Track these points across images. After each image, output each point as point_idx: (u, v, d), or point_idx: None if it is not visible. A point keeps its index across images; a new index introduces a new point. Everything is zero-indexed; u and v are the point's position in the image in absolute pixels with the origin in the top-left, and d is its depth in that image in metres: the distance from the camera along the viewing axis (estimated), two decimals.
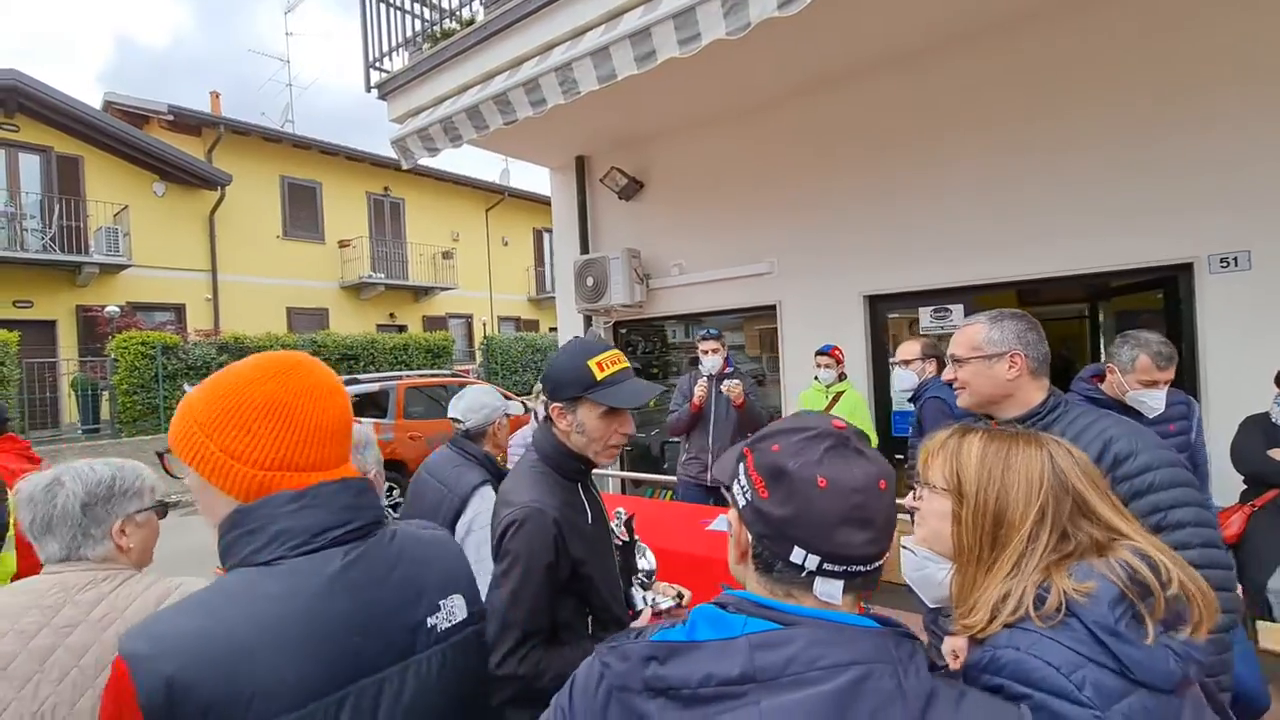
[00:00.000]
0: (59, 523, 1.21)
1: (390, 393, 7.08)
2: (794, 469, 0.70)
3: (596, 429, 1.38)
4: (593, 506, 1.47)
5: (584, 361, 1.36)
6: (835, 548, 0.68)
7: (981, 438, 0.97)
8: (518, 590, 1.26)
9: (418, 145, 4.89)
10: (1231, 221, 3.58)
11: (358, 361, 12.59)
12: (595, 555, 1.41)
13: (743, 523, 0.75)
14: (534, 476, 1.40)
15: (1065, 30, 3.99)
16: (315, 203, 15.63)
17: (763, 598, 0.72)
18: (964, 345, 1.56)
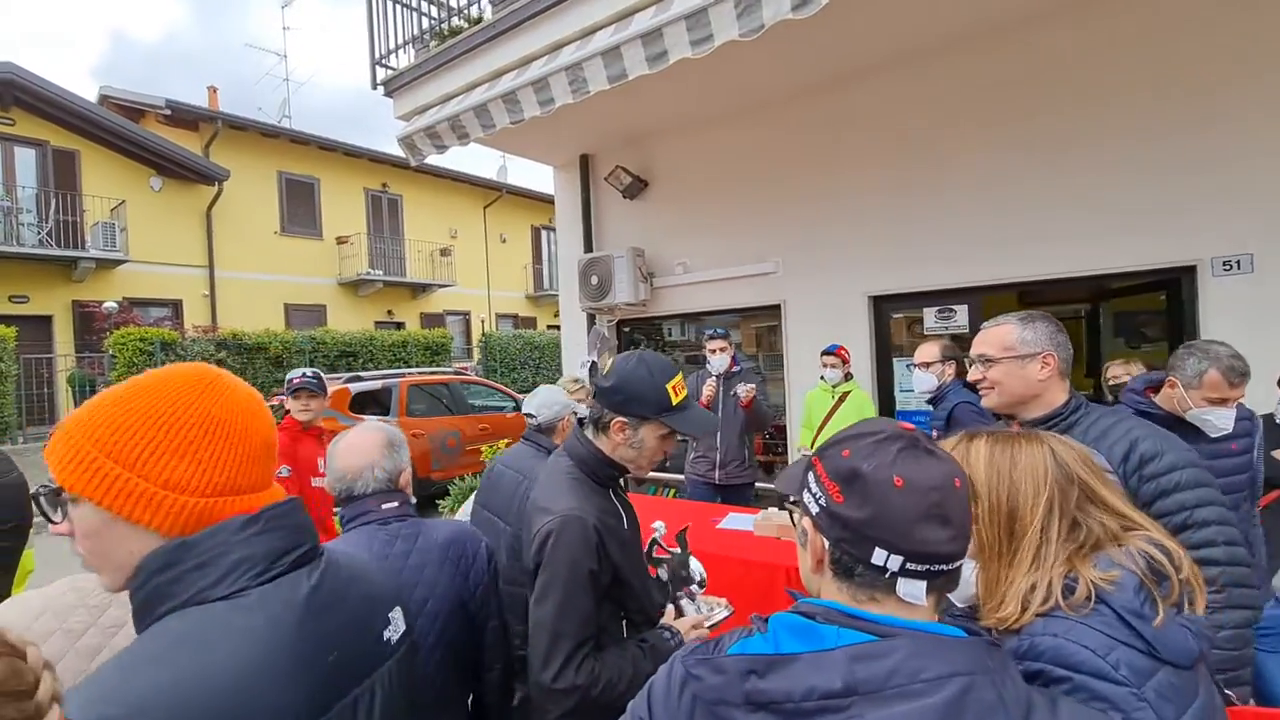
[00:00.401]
0: None
1: (393, 390, 7.07)
2: (868, 471, 0.71)
3: (653, 448, 1.41)
4: (625, 510, 1.49)
5: (664, 384, 1.38)
6: (916, 546, 0.69)
7: (986, 441, 1.03)
8: (565, 600, 1.26)
9: (425, 143, 4.89)
10: (1235, 225, 3.62)
11: (356, 358, 12.55)
12: (631, 559, 1.43)
13: (818, 530, 0.76)
14: (569, 483, 1.40)
15: (1071, 32, 4.01)
16: (313, 199, 15.56)
17: (852, 607, 0.72)
18: (995, 345, 1.57)
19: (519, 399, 8.54)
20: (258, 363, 11.18)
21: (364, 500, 1.43)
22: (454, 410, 7.60)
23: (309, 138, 15.16)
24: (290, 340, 11.65)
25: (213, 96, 15.38)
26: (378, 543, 1.38)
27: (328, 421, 6.46)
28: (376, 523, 1.41)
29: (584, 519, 1.30)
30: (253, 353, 11.13)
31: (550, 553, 1.29)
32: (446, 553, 1.44)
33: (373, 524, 1.41)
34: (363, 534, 1.40)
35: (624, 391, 1.39)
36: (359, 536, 1.40)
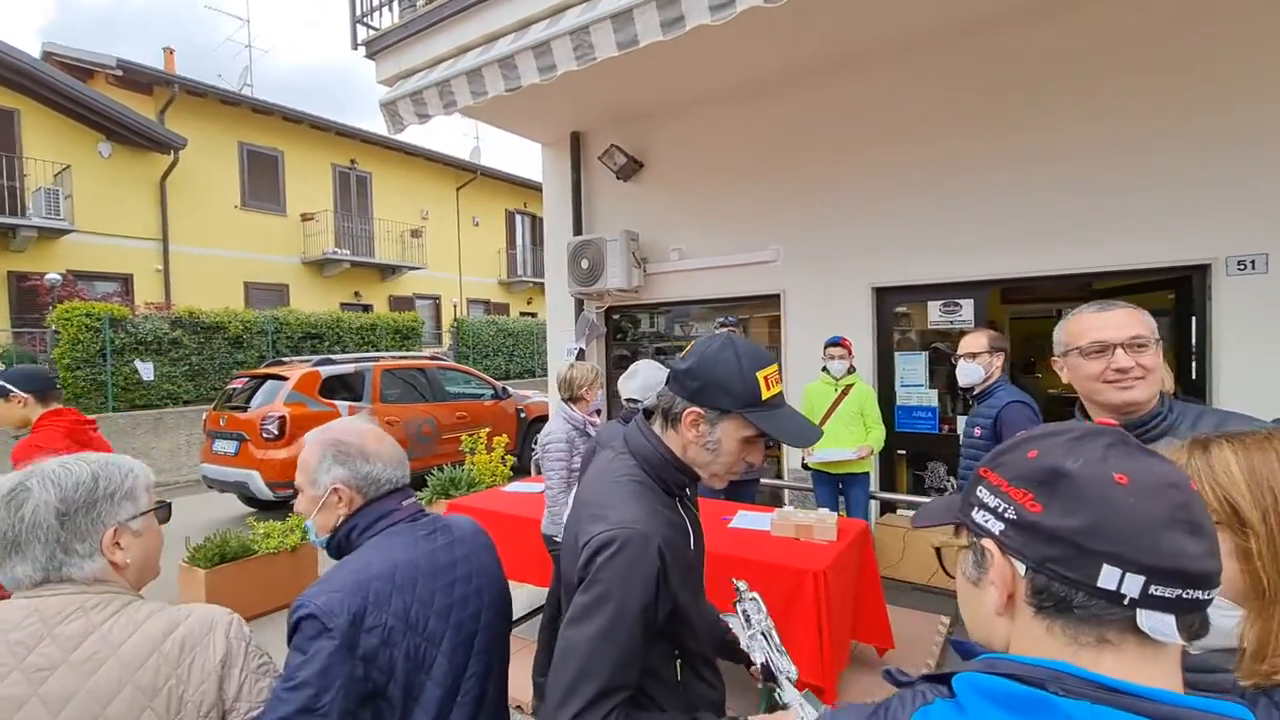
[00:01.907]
0: (29, 539, 0.95)
1: (366, 375, 6.69)
2: (1075, 468, 0.56)
3: (731, 452, 1.13)
4: (693, 526, 1.23)
5: (753, 372, 1.10)
6: (1163, 560, 0.51)
7: (1228, 449, 0.82)
8: (606, 633, 1.00)
9: (409, 110, 4.55)
10: (1250, 224, 3.58)
11: (322, 341, 11.99)
12: (694, 588, 1.19)
13: (1006, 555, 0.59)
14: (633, 488, 1.13)
15: (1088, 26, 3.91)
16: (276, 172, 14.80)
17: (1106, 677, 0.52)
18: (1148, 326, 1.38)
19: (498, 386, 8.23)
20: (215, 343, 10.57)
21: (383, 501, 1.27)
22: (430, 397, 7.25)
23: (273, 107, 14.39)
24: (251, 320, 11.05)
25: (169, 59, 14.48)
26: (421, 539, 1.26)
27: (296, 406, 6.13)
28: (405, 520, 1.27)
29: (649, 538, 1.04)
30: (210, 332, 10.51)
31: (599, 571, 1.02)
32: (480, 539, 1.38)
33: (400, 523, 1.26)
34: (399, 533, 1.25)
35: (702, 376, 1.11)
36: (396, 538, 1.24)
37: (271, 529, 4.24)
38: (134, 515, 1.04)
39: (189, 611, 1.02)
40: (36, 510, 0.95)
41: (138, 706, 0.90)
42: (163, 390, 9.88)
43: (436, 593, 1.20)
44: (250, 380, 6.61)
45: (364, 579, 1.12)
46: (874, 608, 3.09)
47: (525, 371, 16.58)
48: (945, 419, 4.77)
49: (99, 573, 0.99)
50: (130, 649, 0.93)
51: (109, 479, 1.02)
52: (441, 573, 1.22)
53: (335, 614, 1.06)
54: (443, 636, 1.18)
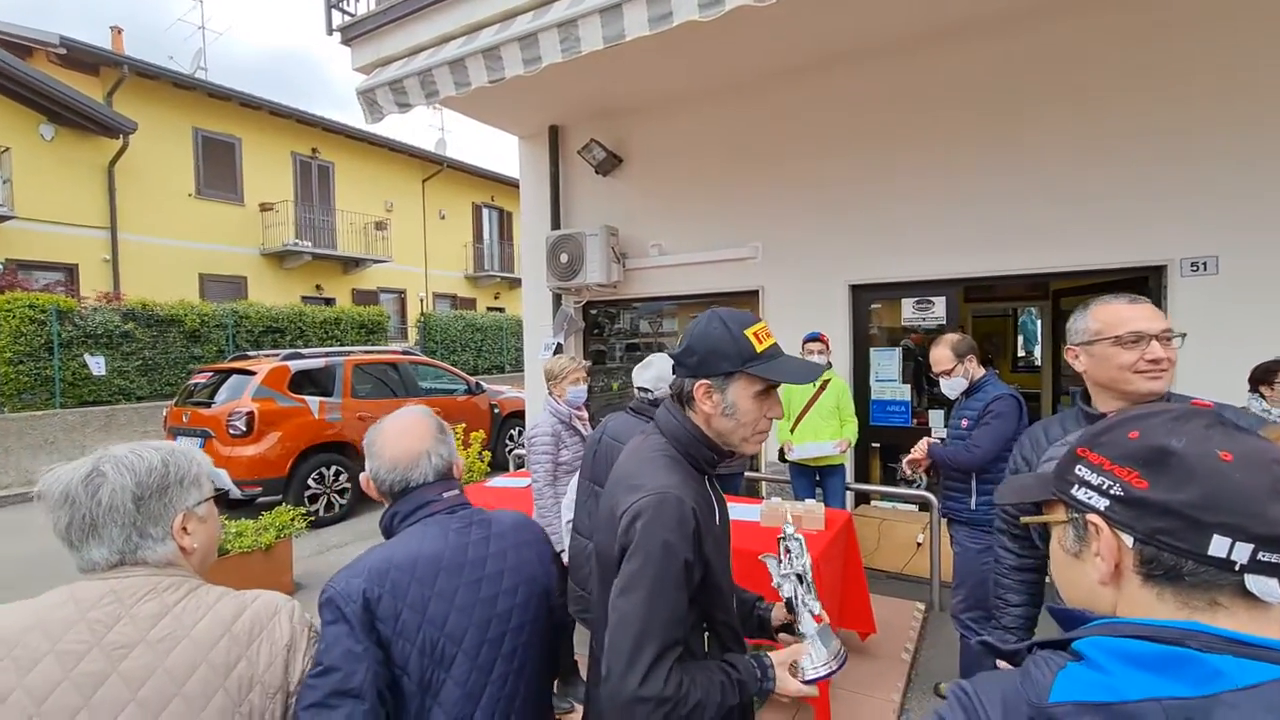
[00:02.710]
0: (106, 522, 0.95)
1: (337, 370, 6.53)
2: (1181, 446, 0.60)
3: (749, 411, 1.18)
4: (720, 505, 1.29)
5: (740, 331, 1.17)
6: (1271, 528, 0.55)
7: None
8: (655, 592, 1.05)
9: (388, 99, 4.46)
10: (1203, 228, 3.80)
11: (284, 335, 11.63)
12: (723, 560, 1.23)
13: (1114, 528, 0.63)
14: (666, 461, 1.19)
15: (1054, 34, 4.08)
16: (234, 160, 14.26)
17: (1238, 633, 0.56)
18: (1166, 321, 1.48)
19: (470, 381, 8.13)
20: (170, 336, 10.15)
21: (423, 490, 1.25)
22: (403, 393, 7.12)
23: (230, 92, 13.86)
24: (208, 313, 10.65)
25: (117, 38, 13.80)
26: (453, 532, 1.23)
27: (264, 402, 5.94)
28: (443, 511, 1.25)
29: (683, 500, 1.10)
30: (165, 326, 10.09)
31: (642, 534, 1.07)
32: (521, 536, 1.31)
33: (439, 514, 1.24)
34: (434, 524, 1.23)
35: (699, 349, 1.19)
36: (430, 528, 1.22)
37: (244, 527, 4.12)
38: (200, 501, 1.05)
39: (254, 596, 1.03)
40: (114, 494, 0.96)
41: (212, 686, 0.93)
42: (114, 386, 9.45)
43: (460, 588, 1.17)
44: (214, 375, 6.39)
45: (384, 567, 1.12)
46: (858, 595, 3.19)
47: (494, 367, 16.40)
48: (917, 413, 4.93)
49: (170, 556, 1.01)
50: (203, 630, 0.95)
51: (178, 465, 1.03)
52: (468, 568, 1.19)
53: (351, 599, 1.07)
54: (464, 634, 1.14)
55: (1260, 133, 3.63)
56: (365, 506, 6.71)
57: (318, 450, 6.17)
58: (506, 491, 3.94)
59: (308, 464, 6.05)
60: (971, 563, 2.73)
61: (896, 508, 4.78)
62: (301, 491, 5.96)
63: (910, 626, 3.64)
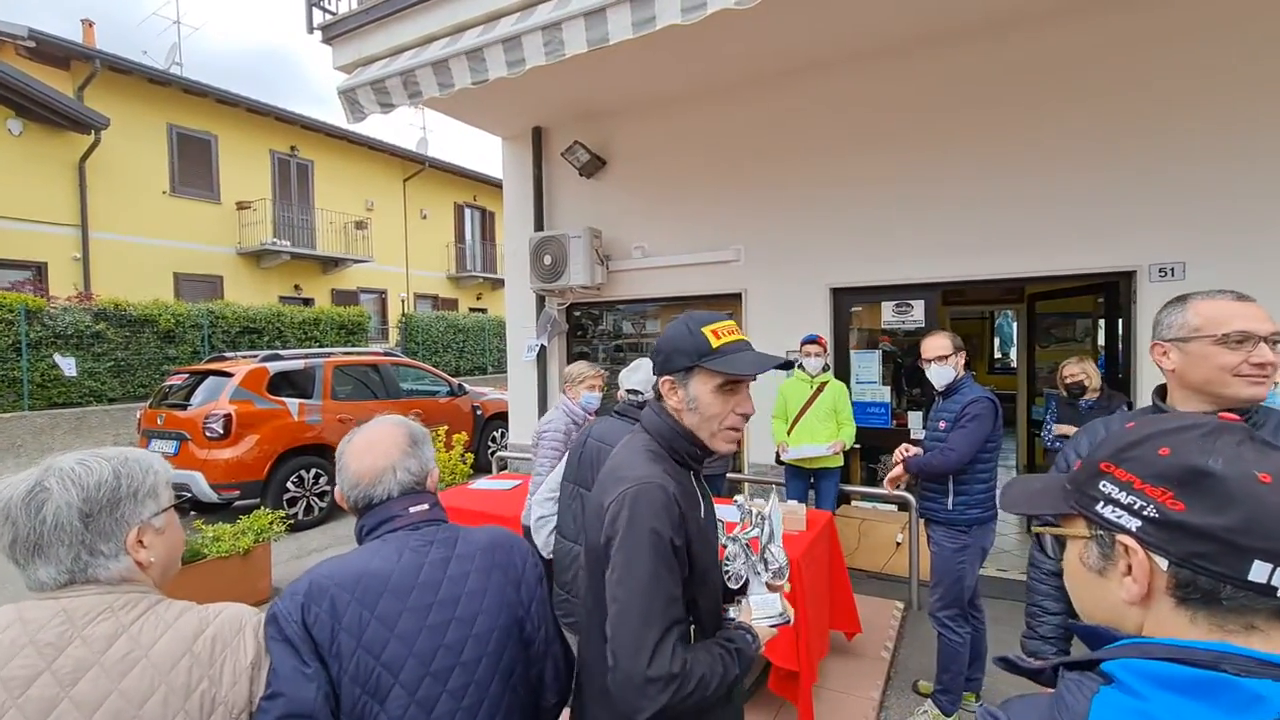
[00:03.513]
0: (52, 541, 0.91)
1: (317, 371, 6.44)
2: (1219, 468, 0.58)
3: (711, 405, 1.23)
4: (705, 499, 1.32)
5: (699, 328, 1.23)
6: None
7: None
8: (650, 575, 1.09)
9: (370, 99, 4.43)
10: (1171, 234, 3.91)
11: (261, 336, 11.46)
12: (707, 551, 1.27)
13: (1147, 549, 0.61)
14: (649, 455, 1.24)
15: (1031, 44, 4.17)
16: (210, 157, 14.01)
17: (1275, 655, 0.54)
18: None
19: (453, 383, 8.08)
20: (144, 337, 9.95)
21: (386, 505, 1.19)
22: (384, 394, 7.05)
23: (206, 88, 13.61)
24: (184, 313, 10.45)
25: (88, 32, 13.48)
26: (409, 551, 1.15)
27: (242, 404, 5.85)
28: (405, 528, 1.18)
29: (664, 487, 1.15)
30: (138, 326, 9.88)
31: (628, 523, 1.12)
32: (492, 559, 1.22)
33: (401, 530, 1.18)
34: (390, 541, 1.16)
35: (664, 348, 1.27)
36: (385, 546, 1.15)
37: (221, 531, 4.06)
38: (156, 512, 1.01)
39: (218, 611, 1.00)
40: (59, 511, 0.91)
41: (172, 708, 0.89)
42: (85, 387, 9.24)
43: (404, 614, 1.08)
44: (190, 376, 6.27)
45: (327, 584, 1.07)
46: (843, 595, 3.23)
47: (476, 368, 16.31)
48: (896, 414, 5.01)
49: (124, 572, 0.96)
50: (162, 650, 0.91)
51: (131, 476, 0.98)
52: (417, 592, 1.10)
53: (291, 618, 1.03)
54: (402, 664, 1.05)
55: (1224, 141, 3.75)
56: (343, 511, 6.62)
57: (297, 453, 6.08)
58: (489, 494, 3.93)
59: (286, 467, 5.96)
60: (948, 562, 2.79)
61: (876, 508, 4.85)
62: (280, 495, 5.88)
63: (890, 625, 3.70)
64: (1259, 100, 3.67)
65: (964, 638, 2.78)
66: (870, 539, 4.49)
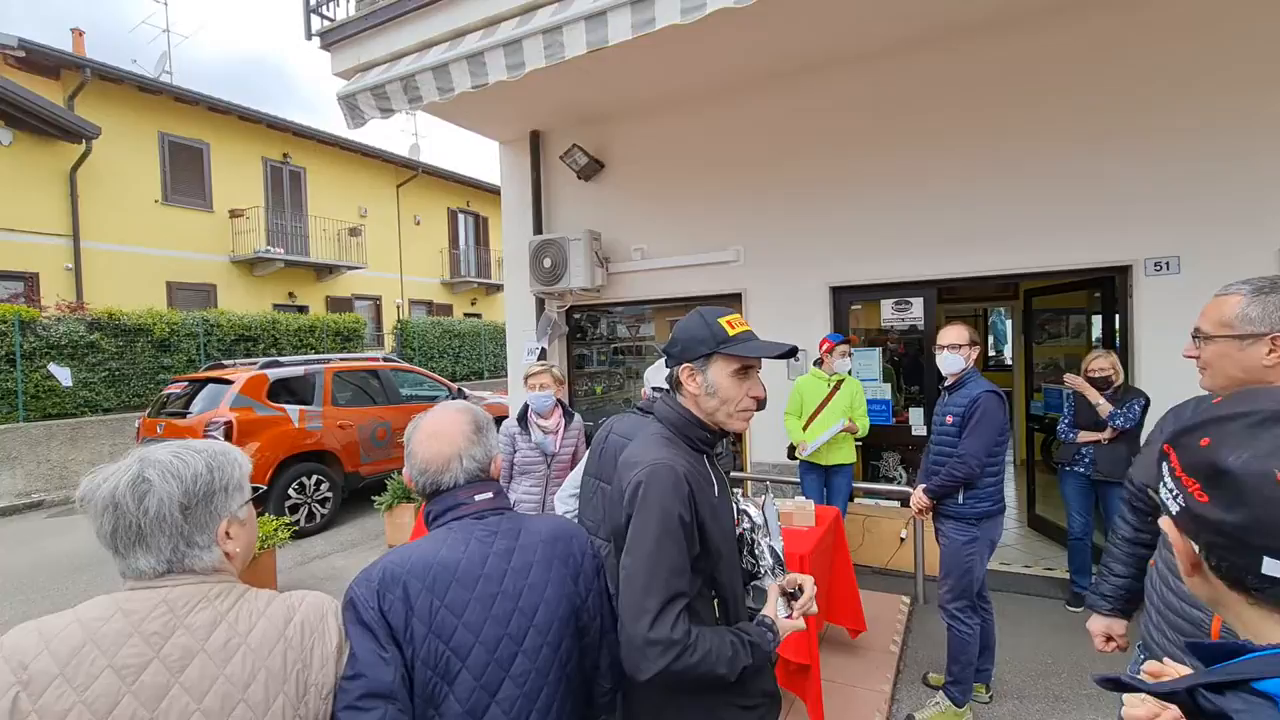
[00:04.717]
0: (154, 531, 0.94)
1: (316, 378, 6.42)
2: (1237, 466, 0.59)
3: (728, 389, 1.31)
4: (719, 481, 1.38)
5: (714, 319, 1.33)
6: None
7: None
8: (656, 548, 1.18)
9: (370, 104, 4.44)
10: (1165, 229, 3.97)
11: (256, 344, 11.40)
12: (722, 530, 1.32)
13: (1180, 531, 0.65)
14: (662, 440, 1.33)
15: (1027, 42, 4.22)
16: (202, 166, 13.95)
17: None
18: (1212, 320, 1.36)
19: (453, 388, 8.07)
20: (139, 346, 9.88)
21: (453, 492, 1.23)
22: (384, 400, 7.04)
23: (197, 96, 13.56)
24: (179, 322, 10.40)
25: (78, 41, 13.42)
26: (475, 540, 1.19)
27: (243, 411, 5.82)
28: (471, 516, 1.22)
29: (674, 468, 1.24)
30: (133, 335, 9.81)
31: (641, 500, 1.21)
32: (553, 550, 1.25)
33: (467, 518, 1.22)
34: (456, 530, 1.20)
35: (680, 340, 1.36)
36: (451, 534, 1.19)
37: None
38: (242, 504, 1.05)
39: (301, 597, 1.04)
40: (161, 503, 0.94)
41: (272, 691, 0.94)
42: (80, 397, 9.17)
43: (471, 602, 1.12)
44: (189, 385, 6.25)
45: (400, 572, 1.10)
46: (848, 591, 3.26)
47: (472, 373, 16.27)
48: (897, 412, 5.05)
49: (216, 563, 1.00)
50: (259, 636, 0.95)
51: (222, 470, 1.02)
52: (483, 582, 1.14)
53: (368, 604, 1.07)
54: (469, 651, 1.10)
55: (1217, 135, 3.81)
56: (347, 516, 6.61)
57: (298, 459, 6.06)
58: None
59: (289, 473, 5.94)
60: (957, 555, 2.81)
61: (879, 504, 4.88)
62: (282, 502, 5.86)
63: (897, 620, 3.73)
64: (1251, 95, 3.74)
65: (973, 629, 2.80)
66: (874, 535, 4.53)
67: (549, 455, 3.17)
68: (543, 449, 3.16)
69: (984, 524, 2.80)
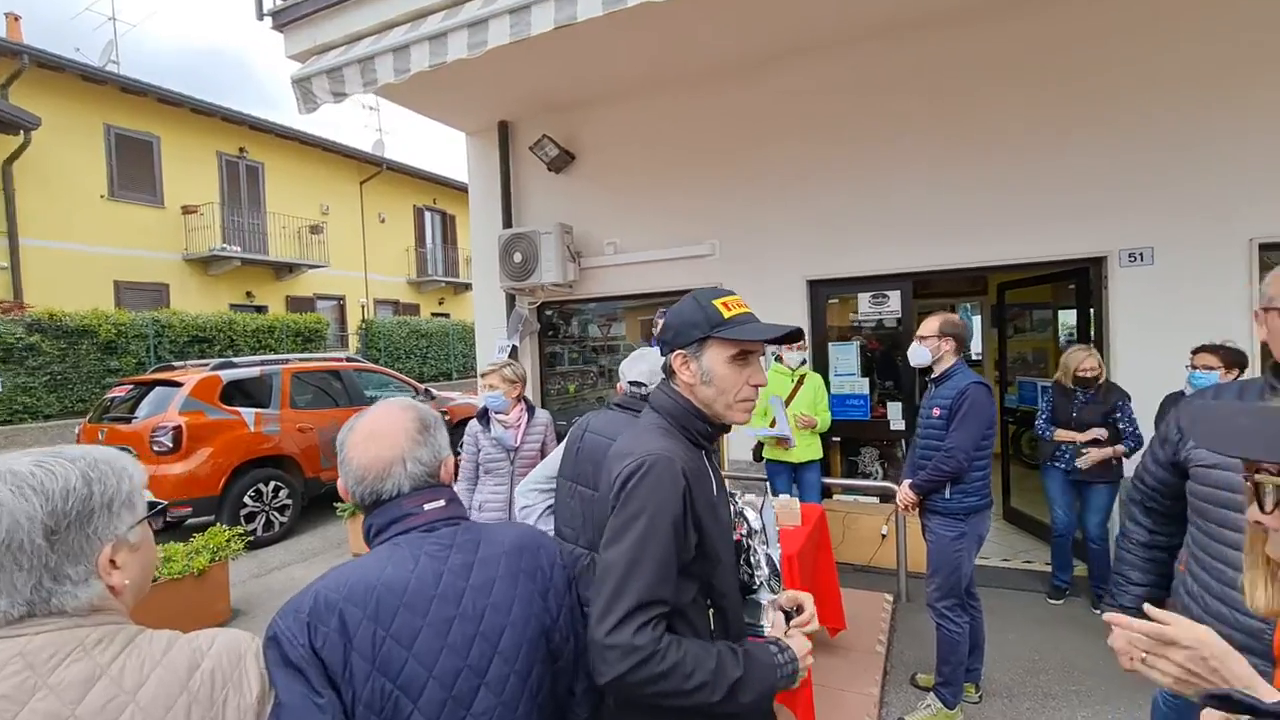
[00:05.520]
0: (6, 565, 0.73)
1: (273, 379, 6.10)
2: None
3: (726, 376, 1.18)
4: (717, 478, 1.24)
5: (708, 301, 1.21)
6: None
7: None
8: (640, 546, 1.04)
9: (324, 88, 4.19)
10: (1139, 220, 3.97)
11: (212, 345, 10.94)
12: (720, 531, 1.18)
13: None
14: (659, 432, 1.19)
15: (1000, 37, 4.19)
16: (152, 160, 13.33)
17: None
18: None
19: (420, 388, 7.80)
20: (82, 348, 9.37)
21: (398, 502, 1.05)
22: (347, 402, 6.74)
23: (146, 87, 12.94)
24: (126, 323, 9.89)
25: (13, 26, 12.69)
26: (426, 556, 1.01)
27: (193, 415, 5.49)
28: (420, 529, 1.04)
29: (673, 460, 1.10)
30: (76, 337, 9.30)
31: (631, 492, 1.07)
32: (519, 563, 1.08)
33: (414, 531, 1.03)
34: (403, 545, 1.02)
35: (673, 324, 1.23)
36: (397, 550, 1.01)
37: (173, 551, 3.77)
38: (133, 525, 0.83)
39: (211, 639, 0.83)
40: (15, 528, 0.73)
41: None
42: (17, 403, 8.63)
43: (423, 630, 0.95)
44: (135, 388, 5.88)
45: (335, 599, 0.92)
46: (830, 590, 3.16)
47: (441, 374, 15.93)
48: (876, 407, 4.99)
49: (96, 600, 0.78)
50: (152, 693, 0.75)
51: (104, 483, 0.80)
52: (438, 604, 0.97)
53: (296, 640, 0.89)
54: (422, 688, 0.93)
55: (1187, 126, 3.82)
56: (308, 524, 6.31)
57: (254, 465, 5.75)
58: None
59: (243, 480, 5.63)
60: (945, 551, 2.73)
61: (859, 500, 4.81)
62: (237, 510, 5.55)
63: (881, 619, 3.65)
64: (1220, 86, 3.75)
65: (963, 628, 2.72)
66: (855, 532, 4.45)
67: (510, 450, 3.11)
68: (502, 443, 3.10)
69: (971, 519, 2.72)
